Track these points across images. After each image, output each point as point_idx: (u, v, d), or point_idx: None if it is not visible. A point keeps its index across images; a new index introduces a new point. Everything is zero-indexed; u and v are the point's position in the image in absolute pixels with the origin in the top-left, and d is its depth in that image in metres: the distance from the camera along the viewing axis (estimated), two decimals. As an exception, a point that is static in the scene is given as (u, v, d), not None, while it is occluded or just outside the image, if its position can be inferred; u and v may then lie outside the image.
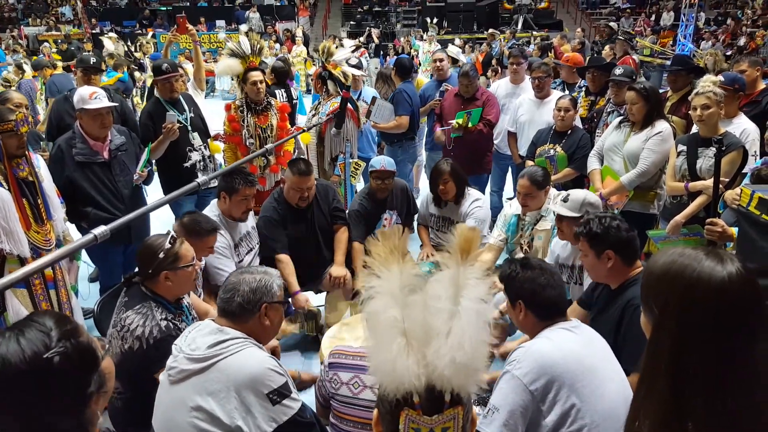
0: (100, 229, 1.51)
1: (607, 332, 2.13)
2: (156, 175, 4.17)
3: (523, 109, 4.87)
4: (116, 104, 3.73)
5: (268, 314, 1.99)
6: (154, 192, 4.00)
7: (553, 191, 3.56)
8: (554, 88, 5.15)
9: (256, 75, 4.17)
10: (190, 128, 4.19)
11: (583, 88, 5.00)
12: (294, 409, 1.84)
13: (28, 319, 1.14)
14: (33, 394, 1.04)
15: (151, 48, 10.83)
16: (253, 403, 1.78)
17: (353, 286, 3.57)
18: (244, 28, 16.28)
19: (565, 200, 3.04)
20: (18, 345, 1.05)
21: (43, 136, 4.53)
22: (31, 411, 1.04)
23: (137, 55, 11.47)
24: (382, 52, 16.26)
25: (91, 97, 3.36)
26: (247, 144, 4.18)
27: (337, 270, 3.61)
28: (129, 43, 14.33)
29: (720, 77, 3.56)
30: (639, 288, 2.26)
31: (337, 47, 5.04)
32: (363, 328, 1.07)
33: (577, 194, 3.06)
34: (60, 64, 8.28)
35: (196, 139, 4.21)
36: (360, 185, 4.99)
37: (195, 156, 4.19)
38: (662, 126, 3.64)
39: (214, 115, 4.63)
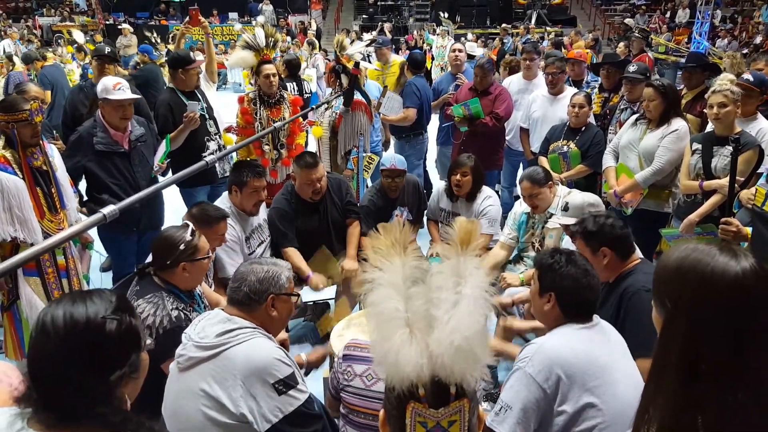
0: (109, 209, 1.51)
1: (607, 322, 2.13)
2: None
3: (536, 105, 4.84)
4: (139, 96, 3.73)
5: (275, 305, 1.99)
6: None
7: (563, 189, 3.53)
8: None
9: (269, 68, 4.16)
10: (207, 116, 4.19)
11: (597, 85, 4.96)
12: (300, 400, 1.84)
13: (96, 290, 1.29)
14: (82, 351, 1.15)
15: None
16: (258, 393, 1.79)
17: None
18: (261, 19, 16.21)
19: (565, 209, 3.03)
20: (85, 306, 1.19)
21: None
22: (76, 367, 1.13)
23: (169, 47, 11.36)
24: (394, 47, 16.21)
25: (115, 87, 3.36)
26: (260, 136, 4.18)
27: (350, 264, 3.60)
28: (155, 34, 14.32)
29: (748, 76, 3.50)
30: (635, 278, 2.35)
31: (352, 42, 5.02)
32: (367, 320, 1.07)
33: (575, 199, 3.04)
34: (51, 55, 8.38)
35: (212, 126, 4.21)
36: (371, 180, 4.98)
37: (212, 145, 4.19)
38: (679, 124, 3.61)
39: (227, 107, 4.63)
